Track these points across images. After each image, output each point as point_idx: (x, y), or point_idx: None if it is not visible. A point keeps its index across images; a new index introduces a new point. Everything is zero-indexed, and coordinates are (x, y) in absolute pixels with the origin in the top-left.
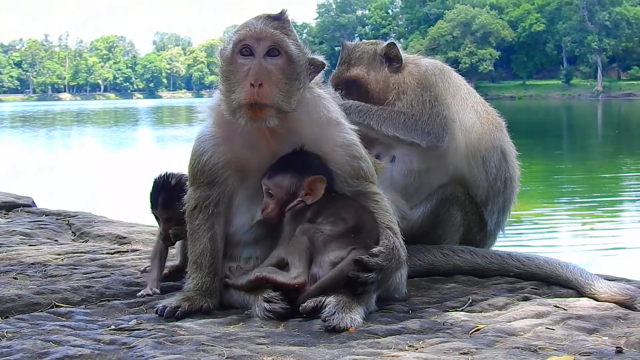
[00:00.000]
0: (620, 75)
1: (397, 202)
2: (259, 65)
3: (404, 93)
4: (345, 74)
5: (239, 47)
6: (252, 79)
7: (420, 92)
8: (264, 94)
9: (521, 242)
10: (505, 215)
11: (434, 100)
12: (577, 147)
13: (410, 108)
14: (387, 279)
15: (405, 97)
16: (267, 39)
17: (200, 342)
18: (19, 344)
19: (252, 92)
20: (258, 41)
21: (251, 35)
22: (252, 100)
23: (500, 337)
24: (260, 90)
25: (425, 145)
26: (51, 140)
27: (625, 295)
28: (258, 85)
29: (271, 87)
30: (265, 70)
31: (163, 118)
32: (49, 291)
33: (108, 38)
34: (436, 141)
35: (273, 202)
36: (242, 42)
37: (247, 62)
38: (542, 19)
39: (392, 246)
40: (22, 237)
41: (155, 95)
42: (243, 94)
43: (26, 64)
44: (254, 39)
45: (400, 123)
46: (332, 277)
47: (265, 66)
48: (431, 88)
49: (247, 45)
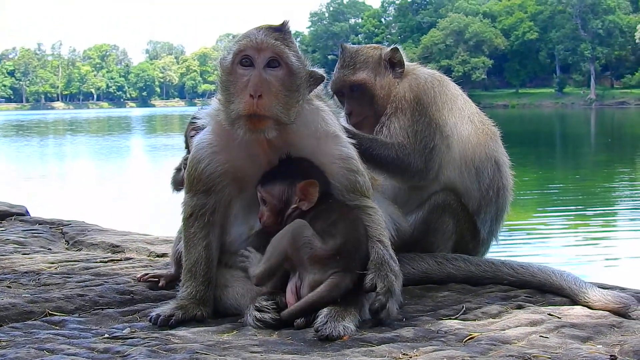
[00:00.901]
0: (613, 83)
1: (393, 213)
2: (259, 76)
3: (402, 112)
4: (350, 78)
5: (239, 58)
6: (251, 90)
7: (417, 116)
8: (264, 106)
9: (515, 250)
10: (499, 223)
11: (426, 127)
12: (570, 155)
13: (403, 138)
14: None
15: (402, 117)
16: (268, 50)
17: (194, 351)
18: (13, 353)
19: (251, 103)
20: (259, 52)
21: (252, 46)
22: (252, 112)
23: (494, 345)
24: (260, 102)
25: (407, 185)
26: (44, 149)
27: (619, 303)
28: (257, 97)
29: (271, 98)
30: (265, 81)
31: (156, 127)
32: (42, 300)
33: (101, 47)
34: (418, 180)
35: (268, 210)
36: (242, 52)
37: (246, 72)
38: (535, 27)
39: (380, 261)
40: (15, 245)
41: (148, 104)
42: (242, 105)
43: (19, 72)
44: (255, 49)
45: (390, 158)
46: (310, 302)
47: (265, 77)
48: (428, 108)
49: (247, 55)
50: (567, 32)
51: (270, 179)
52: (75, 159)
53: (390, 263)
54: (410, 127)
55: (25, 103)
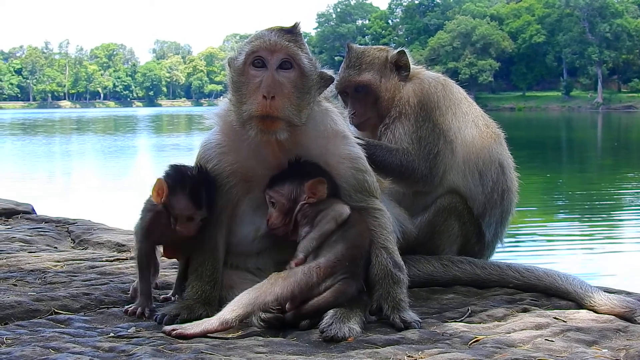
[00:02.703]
0: (621, 87)
1: (399, 215)
2: (272, 77)
3: (406, 117)
4: (355, 79)
5: (251, 58)
6: (264, 91)
7: (421, 121)
8: (276, 107)
9: (520, 253)
10: (504, 226)
11: (430, 132)
12: (576, 159)
13: (407, 144)
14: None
15: (406, 123)
16: (281, 51)
17: (199, 351)
18: (19, 351)
19: (264, 104)
20: (272, 53)
21: (265, 47)
22: (264, 113)
23: (499, 348)
24: (273, 103)
25: (412, 190)
26: (51, 148)
27: (625, 307)
28: (271, 98)
29: (283, 100)
30: (278, 82)
31: (162, 126)
32: (48, 298)
33: (108, 46)
34: (423, 186)
35: (276, 211)
36: (255, 53)
37: (259, 73)
38: (542, 31)
39: (383, 273)
40: (21, 243)
41: (154, 103)
42: (255, 106)
43: (26, 71)
44: (268, 50)
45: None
46: (316, 306)
47: (278, 79)
48: (431, 113)
49: (260, 56)
50: (574, 35)
51: (279, 180)
52: (82, 157)
53: (394, 273)
54: (414, 132)
55: (32, 101)
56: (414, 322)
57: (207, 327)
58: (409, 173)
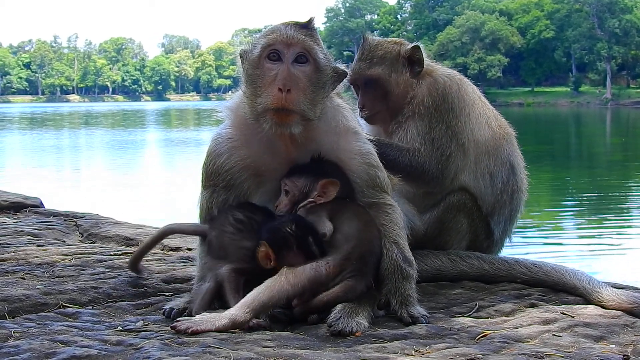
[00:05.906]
0: (630, 83)
1: (408, 212)
2: (288, 70)
3: (419, 117)
4: (365, 72)
5: (267, 52)
6: (280, 84)
7: (435, 122)
8: (292, 100)
9: (528, 248)
10: (512, 224)
11: (443, 134)
12: (585, 154)
13: (420, 145)
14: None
15: (420, 123)
16: (298, 45)
17: (206, 345)
18: (27, 344)
19: (280, 97)
20: (288, 47)
21: (281, 41)
22: (280, 106)
23: (507, 343)
24: (288, 96)
25: (422, 190)
26: (59, 142)
27: (632, 303)
28: (287, 91)
29: (299, 93)
30: (293, 76)
31: (171, 121)
32: (56, 291)
33: (117, 40)
34: (434, 187)
35: (287, 199)
36: (271, 46)
37: (274, 67)
38: (551, 26)
39: (393, 268)
40: (30, 237)
41: (163, 97)
42: (270, 99)
43: (35, 65)
44: (284, 44)
45: (406, 164)
46: (324, 301)
47: (294, 72)
48: (445, 115)
49: (275, 50)
50: (583, 31)
51: (298, 171)
52: (90, 151)
53: (404, 268)
54: (427, 133)
55: (41, 95)
56: (421, 317)
57: (219, 325)
58: (419, 173)
